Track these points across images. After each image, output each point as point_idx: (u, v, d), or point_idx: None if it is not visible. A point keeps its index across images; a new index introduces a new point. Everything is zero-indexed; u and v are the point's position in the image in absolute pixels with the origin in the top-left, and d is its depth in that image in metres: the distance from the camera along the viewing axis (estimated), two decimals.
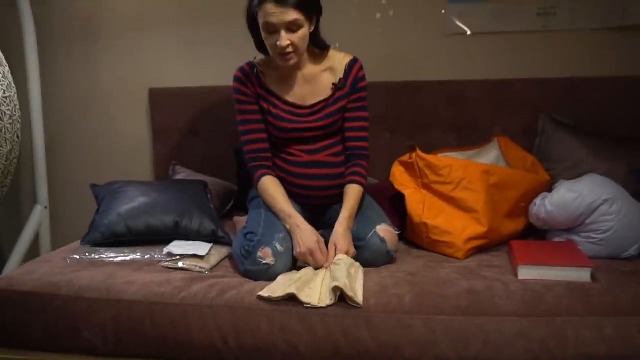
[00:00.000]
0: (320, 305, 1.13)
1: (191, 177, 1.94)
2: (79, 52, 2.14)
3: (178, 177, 1.98)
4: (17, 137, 1.67)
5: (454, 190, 1.48)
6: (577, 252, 1.33)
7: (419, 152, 1.54)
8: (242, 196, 1.78)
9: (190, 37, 2.08)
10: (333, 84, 1.47)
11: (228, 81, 1.61)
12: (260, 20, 1.35)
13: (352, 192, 1.44)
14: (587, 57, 1.91)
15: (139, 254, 1.41)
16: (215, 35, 2.05)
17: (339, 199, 1.46)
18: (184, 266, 1.34)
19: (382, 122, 1.95)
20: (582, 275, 1.22)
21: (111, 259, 1.40)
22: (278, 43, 1.33)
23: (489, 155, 1.78)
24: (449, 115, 1.94)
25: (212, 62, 2.07)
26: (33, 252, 2.01)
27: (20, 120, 1.69)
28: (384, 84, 1.94)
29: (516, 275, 1.25)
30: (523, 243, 1.44)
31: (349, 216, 1.40)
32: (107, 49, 2.13)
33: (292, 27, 1.33)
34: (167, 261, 1.37)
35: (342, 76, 1.47)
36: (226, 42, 2.03)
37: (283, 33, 1.33)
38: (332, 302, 1.14)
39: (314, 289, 1.18)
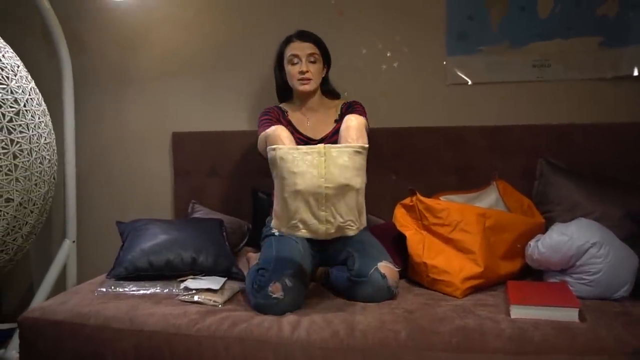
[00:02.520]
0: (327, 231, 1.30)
1: (209, 215, 2.07)
2: (110, 98, 2.33)
3: (196, 215, 2.11)
4: (54, 178, 1.85)
5: (452, 231, 1.58)
6: (567, 292, 1.41)
7: (419, 195, 1.66)
8: (256, 234, 1.90)
9: (211, 85, 2.24)
10: (335, 120, 1.76)
11: (245, 126, 1.79)
12: (287, 55, 1.73)
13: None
14: (579, 105, 2.02)
15: (158, 288, 1.54)
16: (233, 83, 2.21)
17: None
18: (199, 300, 1.46)
19: (387, 164, 2.08)
20: (570, 314, 1.30)
21: (134, 292, 1.53)
22: (300, 69, 1.70)
23: (489, 198, 1.87)
24: (449, 158, 2.04)
25: (231, 108, 2.22)
26: (60, 282, 2.15)
27: (57, 164, 1.87)
28: (389, 129, 2.08)
29: (509, 314, 1.33)
30: (519, 283, 1.52)
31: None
32: (134, 95, 2.31)
33: (311, 58, 1.72)
34: (184, 295, 1.49)
35: (339, 112, 1.77)
36: (244, 90, 2.19)
37: (304, 60, 1.71)
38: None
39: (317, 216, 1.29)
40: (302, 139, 1.74)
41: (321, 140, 1.73)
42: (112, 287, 1.55)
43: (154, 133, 2.31)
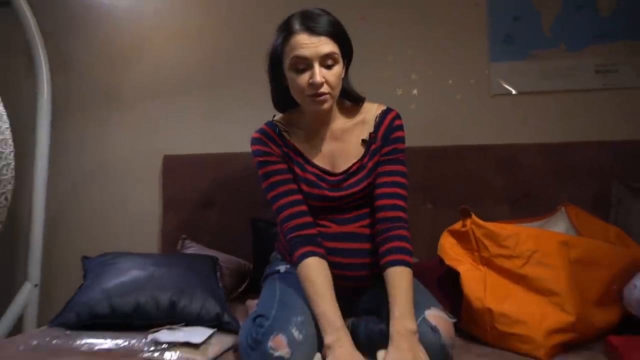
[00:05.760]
0: None
1: (201, 252, 1.68)
2: (93, 119, 2.01)
3: (187, 252, 1.72)
4: (6, 199, 1.48)
5: (524, 265, 1.16)
6: None
7: (475, 218, 1.25)
8: (259, 276, 1.49)
9: (208, 103, 1.94)
10: (363, 140, 1.22)
11: (246, 147, 1.38)
12: (288, 57, 1.13)
13: (401, 277, 1.08)
14: None
15: (118, 341, 1.10)
16: (233, 100, 1.91)
17: (373, 281, 1.16)
18: (172, 359, 1.02)
19: (422, 191, 1.70)
20: None
21: (78, 347, 1.09)
22: (311, 80, 1.10)
23: (555, 228, 1.45)
24: (500, 183, 1.67)
25: (230, 127, 1.90)
26: (19, 329, 1.76)
27: (12, 182, 1.51)
28: (423, 149, 1.71)
29: None
30: (627, 340, 1.07)
31: (407, 313, 1.02)
32: (122, 117, 1.99)
33: (327, 61, 1.12)
34: (150, 351, 1.05)
35: (372, 130, 1.22)
36: (245, 107, 1.89)
37: (317, 67, 1.10)
38: None
39: None
40: (315, 171, 1.21)
41: (345, 173, 1.20)
42: (54, 339, 1.12)
43: (142, 157, 1.97)
